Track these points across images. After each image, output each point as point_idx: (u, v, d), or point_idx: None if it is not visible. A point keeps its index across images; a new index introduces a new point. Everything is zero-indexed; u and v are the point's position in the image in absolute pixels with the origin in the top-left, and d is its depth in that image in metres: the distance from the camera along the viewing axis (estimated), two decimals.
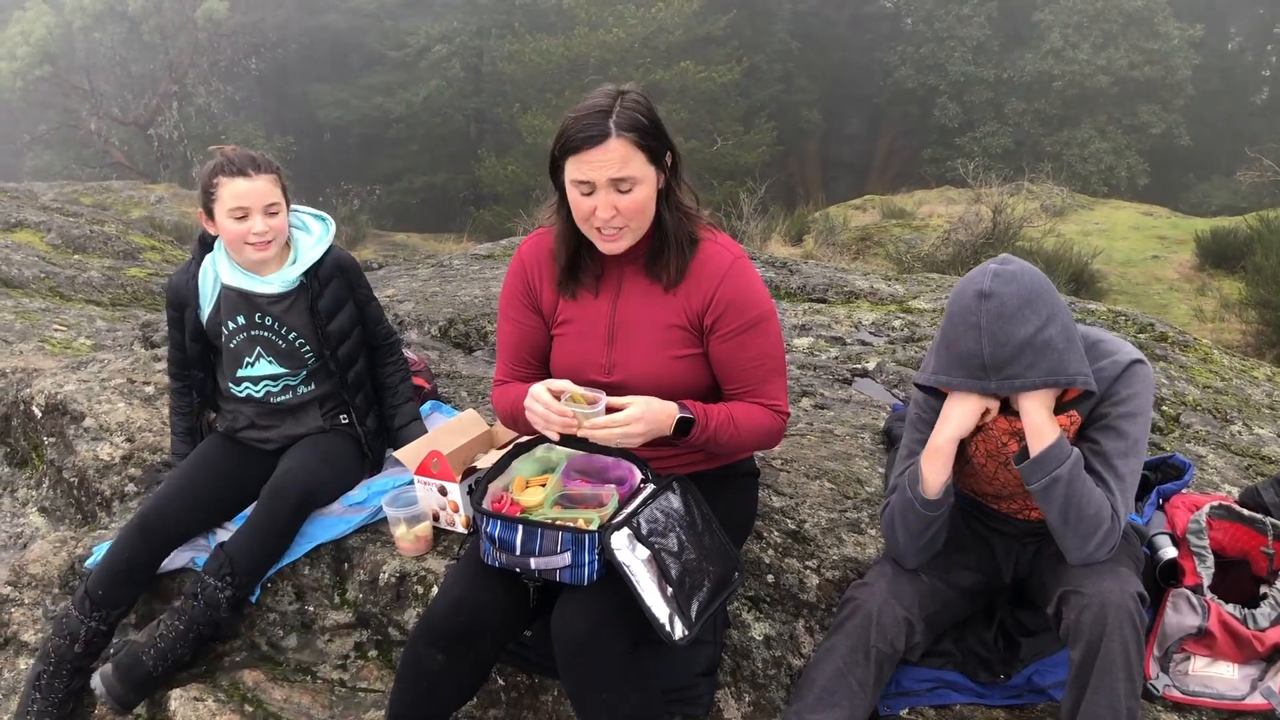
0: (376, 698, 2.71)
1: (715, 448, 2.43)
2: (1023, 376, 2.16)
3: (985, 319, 2.15)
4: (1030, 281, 2.17)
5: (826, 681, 2.34)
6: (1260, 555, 2.72)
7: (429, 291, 5.66)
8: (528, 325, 2.58)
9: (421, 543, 2.88)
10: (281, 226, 2.93)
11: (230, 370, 3.02)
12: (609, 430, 2.25)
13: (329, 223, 3.14)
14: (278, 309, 2.97)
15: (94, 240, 8.94)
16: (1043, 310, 2.15)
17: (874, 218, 18.93)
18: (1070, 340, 2.18)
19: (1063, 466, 2.20)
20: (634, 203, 2.30)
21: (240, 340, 2.98)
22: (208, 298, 3.00)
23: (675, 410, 2.33)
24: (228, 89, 30.96)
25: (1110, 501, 2.24)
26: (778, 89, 32.51)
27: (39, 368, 4.36)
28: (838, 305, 5.66)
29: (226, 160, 2.86)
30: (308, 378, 3.07)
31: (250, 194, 2.84)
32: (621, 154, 2.25)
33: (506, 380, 2.62)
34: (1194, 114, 31.98)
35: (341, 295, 3.06)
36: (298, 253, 3.03)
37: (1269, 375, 5.11)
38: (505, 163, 28.62)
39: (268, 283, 2.96)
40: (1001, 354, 2.15)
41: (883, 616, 2.36)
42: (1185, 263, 16.04)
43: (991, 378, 2.17)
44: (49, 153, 31.76)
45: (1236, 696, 2.54)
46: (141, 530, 2.81)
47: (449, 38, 32.16)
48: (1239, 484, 3.48)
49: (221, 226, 2.88)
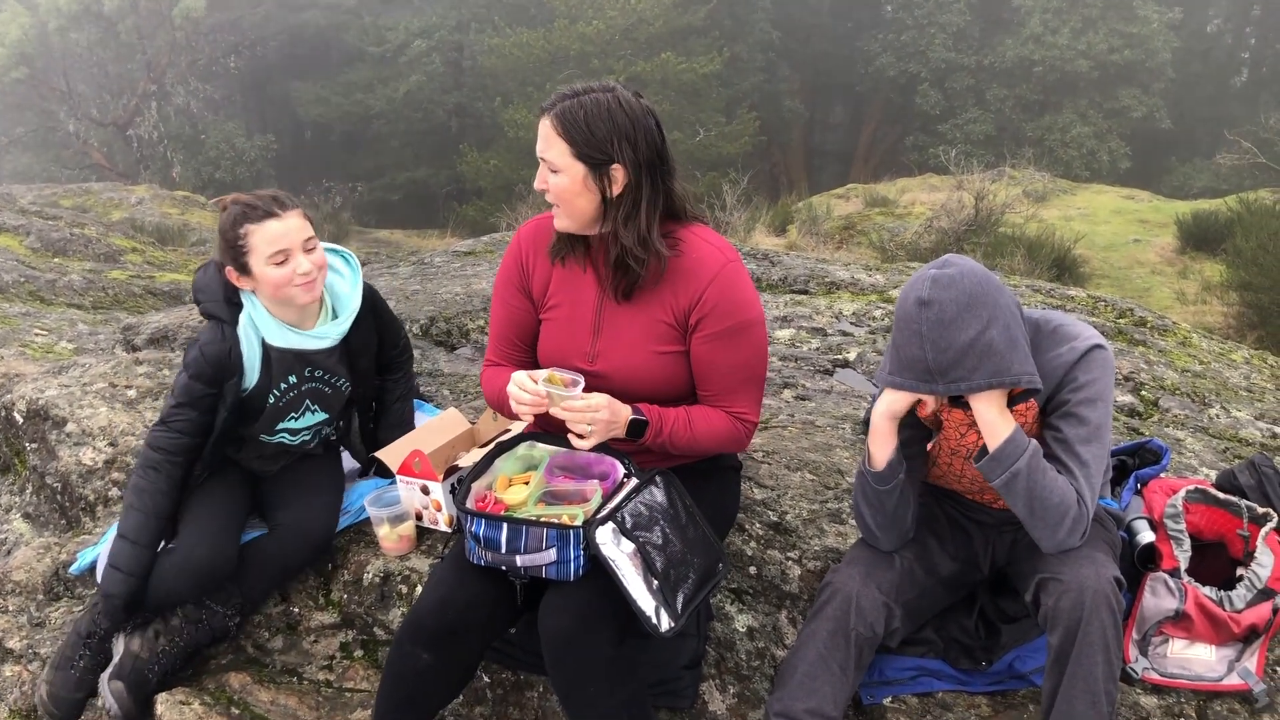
0: (363, 698, 2.72)
1: (671, 450, 2.46)
2: (968, 380, 2.17)
3: (926, 326, 2.16)
4: (969, 285, 2.17)
5: (808, 667, 2.35)
6: (1236, 538, 2.74)
7: (410, 290, 5.66)
8: (517, 308, 2.61)
9: (405, 542, 2.89)
10: (323, 261, 2.76)
11: (269, 425, 2.87)
12: (578, 412, 2.29)
13: (353, 259, 3.00)
14: (329, 361, 2.87)
15: (74, 243, 8.90)
16: (983, 314, 2.15)
17: (857, 206, 18.98)
18: (1012, 341, 2.18)
19: (1020, 460, 2.22)
20: (557, 186, 2.35)
21: (291, 397, 2.85)
22: (254, 367, 2.78)
23: (630, 412, 2.37)
24: (207, 88, 30.75)
25: (1075, 487, 2.25)
26: (759, 79, 32.50)
27: (20, 372, 4.34)
28: (819, 296, 5.67)
29: (248, 207, 2.65)
30: (334, 418, 3.02)
31: (287, 234, 2.65)
32: (545, 134, 2.33)
33: (497, 362, 2.67)
34: (1174, 97, 32.14)
35: (369, 332, 2.98)
36: (335, 300, 2.89)
37: (1246, 358, 5.15)
38: (487, 157, 28.56)
39: (320, 338, 2.81)
40: (944, 359, 2.16)
41: (861, 599, 2.37)
42: (1167, 246, 16.15)
43: (938, 381, 2.19)
44: (27, 155, 31.53)
45: (1214, 678, 2.57)
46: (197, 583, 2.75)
47: (429, 33, 32.05)
48: (1217, 467, 3.52)
49: (262, 277, 2.66)
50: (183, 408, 2.74)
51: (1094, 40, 29.54)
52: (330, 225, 20.75)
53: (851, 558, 2.52)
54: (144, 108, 29.39)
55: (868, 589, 2.39)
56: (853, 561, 2.49)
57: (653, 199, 2.37)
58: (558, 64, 27.82)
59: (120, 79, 30.83)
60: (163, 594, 2.72)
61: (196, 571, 2.67)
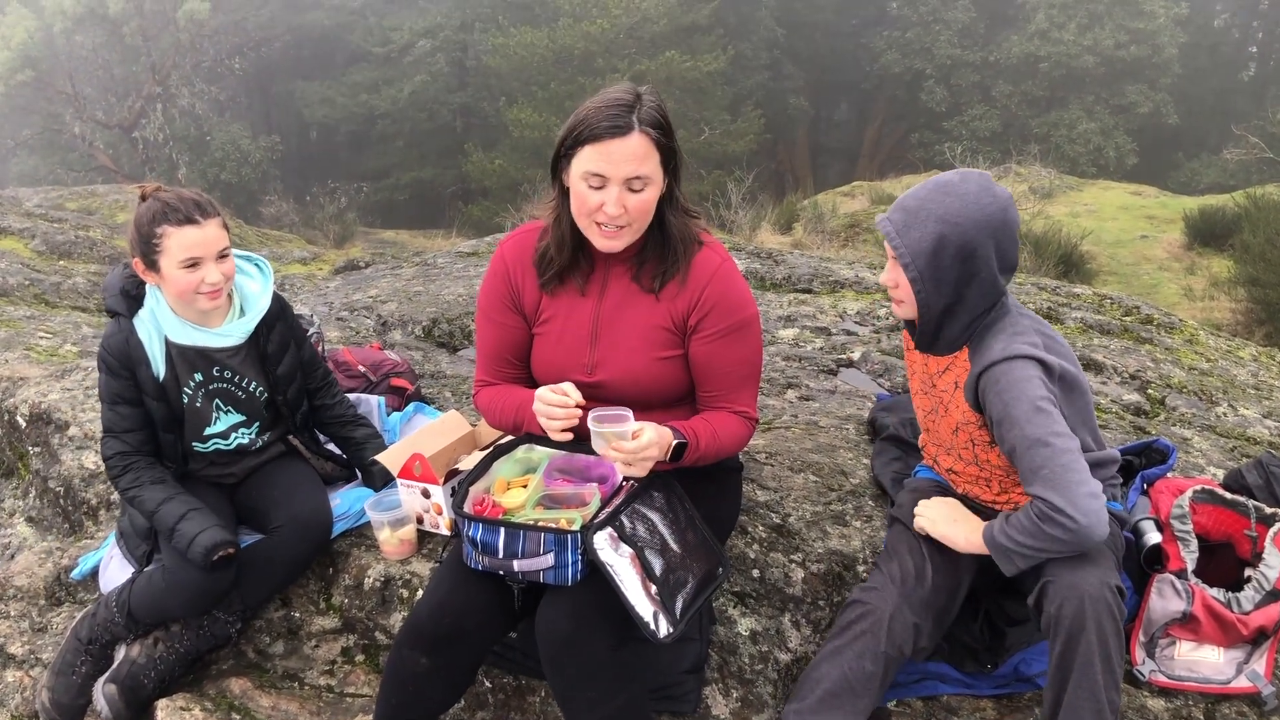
0: (364, 702, 2.71)
1: (700, 462, 2.44)
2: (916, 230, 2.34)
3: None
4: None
5: (832, 684, 2.33)
6: (1244, 538, 2.72)
7: (412, 291, 5.65)
8: (509, 326, 2.56)
9: (406, 546, 2.87)
10: (231, 271, 2.73)
11: (195, 432, 2.85)
12: (630, 453, 2.23)
13: (266, 265, 2.95)
14: (235, 361, 2.84)
15: (79, 246, 8.89)
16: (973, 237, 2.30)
17: (863, 204, 18.94)
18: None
19: (998, 540, 2.28)
20: (642, 203, 2.29)
21: (201, 397, 2.82)
22: (157, 357, 2.75)
23: (671, 436, 2.33)
24: (212, 89, 30.84)
25: (1040, 507, 2.19)
26: (764, 77, 32.48)
27: (24, 376, 4.33)
28: (823, 295, 5.65)
29: (168, 208, 2.61)
30: (265, 425, 2.98)
31: (204, 243, 2.62)
32: (643, 150, 2.25)
33: (491, 381, 2.62)
34: (1181, 92, 32.03)
35: (286, 338, 2.94)
36: (244, 300, 2.86)
37: (1254, 355, 5.11)
38: (492, 157, 28.58)
39: (224, 336, 2.79)
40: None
41: (894, 622, 2.36)
42: (1174, 242, 16.09)
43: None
44: (34, 158, 31.62)
45: (1222, 680, 2.55)
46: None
47: (433, 32, 32.10)
48: (1224, 466, 3.49)
49: (170, 278, 2.64)
50: (114, 406, 2.75)
51: (1100, 36, 29.45)
52: (336, 226, 20.77)
53: (881, 575, 2.49)
54: (149, 110, 29.46)
55: (901, 611, 2.37)
56: (884, 579, 2.46)
57: (674, 182, 2.39)
58: (562, 63, 27.84)
59: (125, 81, 30.89)
60: (159, 613, 2.72)
61: (192, 588, 2.65)
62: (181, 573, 2.63)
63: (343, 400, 3.16)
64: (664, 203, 2.37)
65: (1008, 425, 2.23)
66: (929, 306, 2.32)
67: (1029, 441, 2.19)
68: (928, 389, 2.55)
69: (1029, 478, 2.20)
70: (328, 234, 19.92)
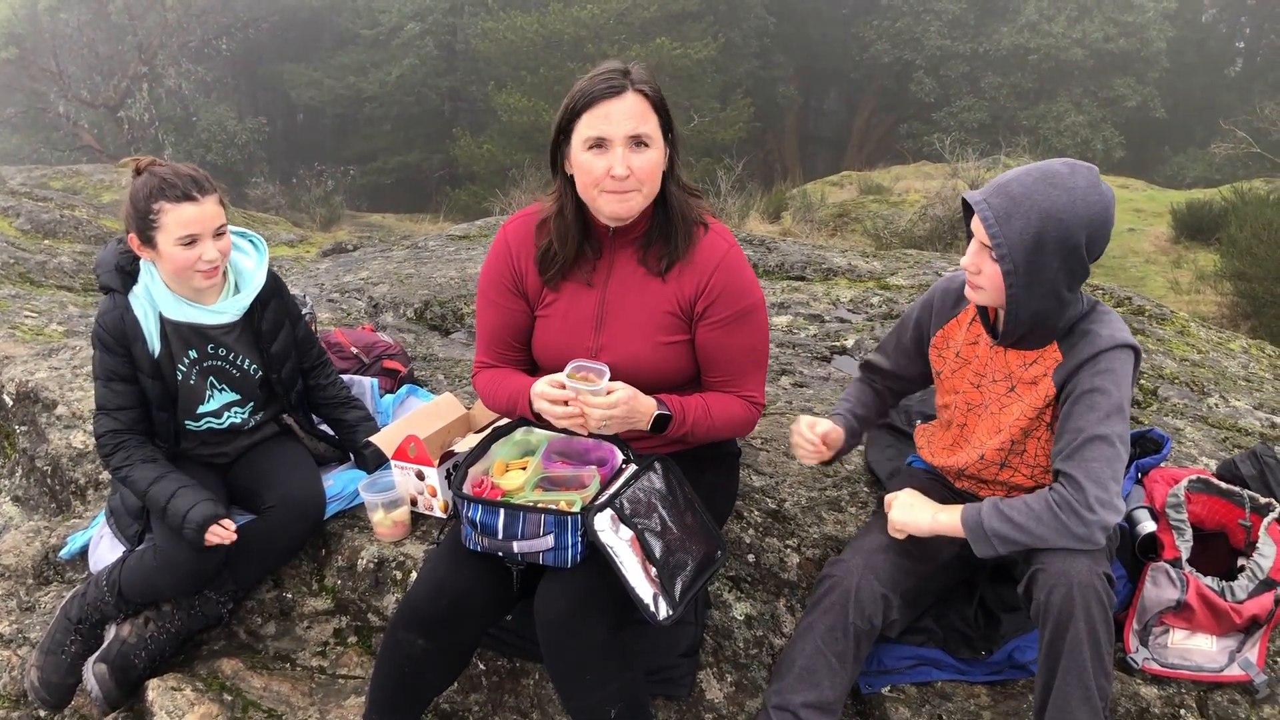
0: (357, 684, 2.70)
1: (690, 439, 2.43)
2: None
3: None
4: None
5: (806, 660, 2.34)
6: (1238, 528, 2.73)
7: (404, 273, 5.62)
8: (511, 309, 2.53)
9: (399, 528, 2.86)
10: (228, 248, 2.70)
11: (188, 410, 2.82)
12: (595, 408, 2.23)
13: (261, 242, 2.93)
14: (230, 338, 2.81)
15: (64, 225, 8.83)
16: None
17: (851, 194, 18.94)
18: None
19: (983, 526, 2.26)
20: (648, 163, 2.27)
21: (195, 375, 2.79)
22: (152, 334, 2.72)
23: (654, 407, 2.32)
24: (198, 70, 30.53)
25: (1064, 493, 2.20)
26: (754, 65, 32.40)
27: (10, 355, 4.30)
28: (816, 283, 5.65)
29: (165, 184, 2.57)
30: (258, 405, 2.95)
31: (201, 219, 2.59)
32: (640, 108, 2.24)
33: (491, 364, 2.59)
34: (1169, 86, 32.14)
35: (280, 316, 2.91)
36: (239, 277, 2.83)
37: (1244, 347, 5.14)
38: (480, 141, 28.43)
39: (219, 313, 2.77)
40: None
41: (860, 593, 2.35)
42: (1161, 235, 16.16)
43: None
44: (17, 136, 31.30)
45: (1215, 668, 2.56)
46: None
47: (422, 15, 31.86)
48: (1216, 456, 3.50)
49: (166, 255, 2.61)
50: (108, 383, 2.72)
51: (1089, 29, 29.50)
52: (322, 209, 20.61)
53: (850, 549, 2.50)
54: (135, 89, 29.14)
55: (866, 581, 2.36)
56: (851, 553, 2.46)
57: (674, 161, 2.38)
58: (551, 48, 27.68)
59: (111, 60, 30.55)
60: (149, 592, 2.70)
61: (183, 568, 2.63)
62: (173, 551, 2.61)
63: (336, 381, 3.13)
64: (666, 178, 2.35)
65: (1087, 406, 2.22)
66: (1018, 301, 2.24)
67: (1098, 434, 2.20)
68: (986, 383, 2.47)
69: (1073, 459, 2.20)
70: (314, 217, 19.77)
